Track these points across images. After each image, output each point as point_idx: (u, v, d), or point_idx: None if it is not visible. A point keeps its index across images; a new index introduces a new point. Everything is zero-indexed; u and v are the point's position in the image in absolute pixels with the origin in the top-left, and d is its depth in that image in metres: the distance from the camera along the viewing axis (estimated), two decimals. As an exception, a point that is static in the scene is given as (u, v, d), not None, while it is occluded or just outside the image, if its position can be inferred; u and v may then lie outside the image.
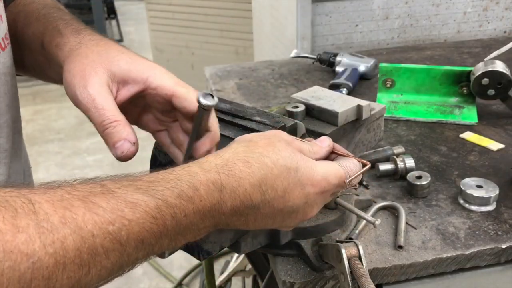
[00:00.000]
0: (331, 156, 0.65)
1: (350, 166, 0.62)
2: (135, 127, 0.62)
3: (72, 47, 0.63)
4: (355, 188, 0.68)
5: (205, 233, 0.53)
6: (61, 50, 0.64)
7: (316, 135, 0.73)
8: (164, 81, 0.61)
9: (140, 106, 0.65)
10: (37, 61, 0.71)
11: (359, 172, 0.63)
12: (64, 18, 0.69)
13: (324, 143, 0.64)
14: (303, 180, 0.57)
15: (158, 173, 0.51)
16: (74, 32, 0.65)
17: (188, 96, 0.60)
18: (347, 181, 0.61)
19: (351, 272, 0.64)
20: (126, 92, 0.61)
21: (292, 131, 0.68)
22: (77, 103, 0.59)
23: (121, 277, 0.48)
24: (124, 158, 0.57)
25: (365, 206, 0.91)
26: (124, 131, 0.57)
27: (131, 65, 0.61)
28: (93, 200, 0.44)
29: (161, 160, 0.72)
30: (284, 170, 0.55)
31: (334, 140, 0.75)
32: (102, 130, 0.57)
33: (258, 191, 0.54)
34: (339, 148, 0.65)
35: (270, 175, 0.54)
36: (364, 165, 0.64)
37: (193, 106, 0.60)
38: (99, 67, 0.59)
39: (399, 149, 1.06)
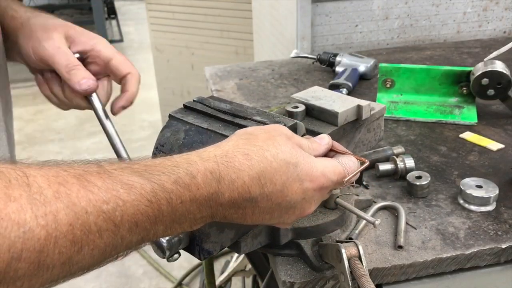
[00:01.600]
0: (330, 153, 0.65)
1: (348, 164, 0.62)
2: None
3: (30, 15, 0.78)
4: (353, 186, 0.68)
5: (201, 224, 0.53)
6: (16, 19, 0.77)
7: (316, 135, 0.73)
8: (107, 48, 0.80)
9: None
10: None
11: (358, 170, 0.63)
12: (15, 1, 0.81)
13: (323, 141, 0.64)
14: (302, 175, 0.57)
15: (156, 159, 0.52)
16: (29, 10, 0.80)
17: (124, 62, 0.80)
18: (346, 179, 0.61)
19: (351, 272, 0.64)
20: (75, 49, 0.79)
21: (292, 131, 0.68)
22: (41, 53, 0.75)
23: (120, 277, 0.48)
24: (89, 91, 0.76)
25: (365, 206, 0.91)
26: (86, 72, 0.77)
27: (83, 31, 0.81)
28: (88, 178, 0.44)
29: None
30: (284, 165, 0.55)
31: (334, 140, 0.75)
32: (67, 71, 0.75)
33: (256, 184, 0.54)
34: (338, 146, 0.65)
35: (270, 169, 0.54)
36: (362, 163, 0.64)
37: (124, 71, 0.80)
38: (58, 27, 0.78)
39: (399, 149, 1.07)
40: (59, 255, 0.41)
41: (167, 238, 0.61)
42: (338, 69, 1.52)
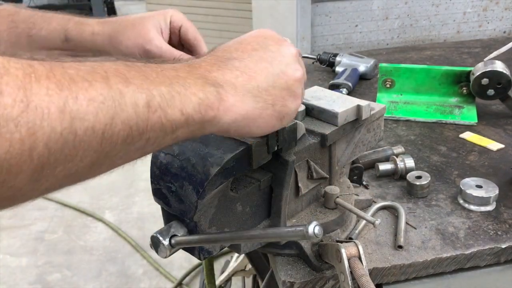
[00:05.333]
0: None
1: None
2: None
3: (113, 22, 0.81)
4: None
5: (201, 96, 0.49)
6: (101, 32, 0.80)
7: (316, 135, 0.74)
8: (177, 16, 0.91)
9: None
10: (50, 57, 0.81)
11: None
12: (73, 15, 0.85)
13: None
14: (266, 37, 0.61)
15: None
16: (101, 21, 0.83)
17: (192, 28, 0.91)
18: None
19: (351, 271, 0.64)
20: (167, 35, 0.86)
21: (292, 131, 0.68)
22: (146, 53, 0.80)
23: (120, 277, 0.46)
24: None
25: (365, 206, 0.91)
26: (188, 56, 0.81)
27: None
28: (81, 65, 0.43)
29: (161, 160, 0.72)
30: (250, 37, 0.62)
31: (334, 140, 0.75)
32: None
33: (231, 47, 0.58)
34: None
35: (235, 42, 0.61)
36: None
37: (192, 37, 0.91)
38: (152, 19, 0.83)
39: (398, 149, 1.07)
40: (48, 97, 0.36)
41: (167, 238, 0.62)
42: (338, 69, 1.53)
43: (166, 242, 0.61)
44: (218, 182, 0.61)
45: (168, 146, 0.49)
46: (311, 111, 0.77)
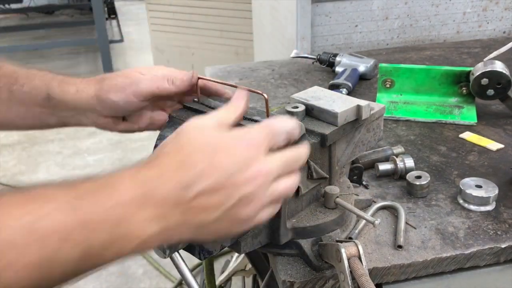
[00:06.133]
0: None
1: (268, 121, 0.59)
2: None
3: (99, 79, 0.78)
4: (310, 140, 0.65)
5: (156, 234, 0.50)
6: (86, 89, 0.77)
7: (316, 135, 0.74)
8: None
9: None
10: (30, 113, 0.79)
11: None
12: (57, 73, 0.81)
13: (237, 96, 0.61)
14: (223, 146, 0.53)
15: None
16: (86, 79, 0.79)
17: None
18: (279, 125, 0.58)
19: (350, 271, 0.64)
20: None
21: (292, 131, 0.68)
22: (138, 94, 0.75)
23: (120, 277, 0.48)
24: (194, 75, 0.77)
25: (365, 206, 0.91)
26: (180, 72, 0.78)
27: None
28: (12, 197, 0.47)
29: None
30: (199, 146, 0.53)
31: (334, 140, 0.76)
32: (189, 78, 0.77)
33: (184, 169, 0.51)
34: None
35: (188, 153, 0.52)
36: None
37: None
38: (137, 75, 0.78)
39: (398, 149, 1.07)
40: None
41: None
42: (338, 69, 1.53)
43: None
44: None
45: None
46: (311, 111, 0.77)
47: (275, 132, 0.57)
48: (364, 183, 0.98)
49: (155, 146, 0.74)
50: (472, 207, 0.90)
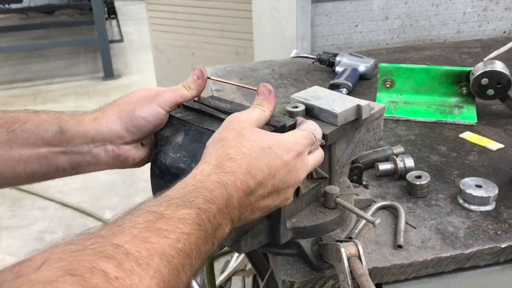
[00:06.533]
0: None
1: (308, 126, 0.69)
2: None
3: (112, 104, 0.73)
4: (323, 144, 0.71)
5: (226, 233, 0.57)
6: (105, 115, 0.72)
7: (316, 135, 0.74)
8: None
9: None
10: (34, 155, 0.69)
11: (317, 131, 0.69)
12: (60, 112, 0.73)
13: (266, 93, 0.69)
14: (278, 151, 0.62)
15: (176, 189, 0.55)
16: (97, 109, 0.74)
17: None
18: (317, 136, 0.68)
19: (350, 271, 0.64)
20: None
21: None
22: (163, 104, 0.73)
23: None
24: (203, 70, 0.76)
25: (365, 205, 0.91)
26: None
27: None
28: (155, 226, 0.48)
29: (161, 160, 0.72)
30: (260, 151, 0.61)
31: (334, 140, 0.76)
32: (175, 89, 0.75)
33: (250, 177, 0.59)
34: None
35: (252, 160, 0.60)
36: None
37: None
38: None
39: (398, 149, 1.07)
40: None
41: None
42: (338, 69, 1.53)
43: None
44: None
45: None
46: (311, 111, 0.77)
47: (315, 140, 0.68)
48: (364, 183, 0.98)
49: (156, 146, 0.74)
50: (472, 207, 0.90)
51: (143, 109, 0.71)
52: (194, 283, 0.69)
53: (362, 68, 1.51)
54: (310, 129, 0.68)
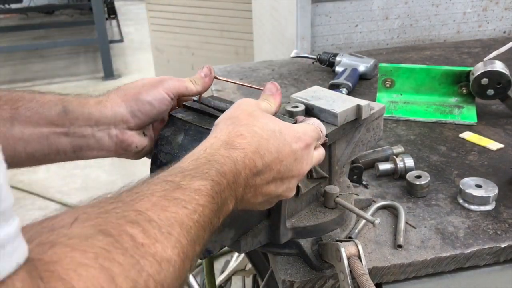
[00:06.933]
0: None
1: (315, 121, 0.69)
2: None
3: (117, 89, 0.72)
4: (326, 141, 0.72)
5: (228, 212, 0.56)
6: (110, 99, 0.71)
7: (316, 134, 0.74)
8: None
9: None
10: (36, 134, 0.67)
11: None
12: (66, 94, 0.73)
13: (273, 89, 0.70)
14: (288, 138, 0.62)
15: (188, 161, 0.54)
16: (102, 95, 0.73)
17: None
18: (322, 132, 0.68)
19: (350, 271, 0.64)
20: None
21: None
22: (169, 90, 0.72)
23: None
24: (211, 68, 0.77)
25: (365, 205, 0.91)
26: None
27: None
28: (173, 195, 0.47)
29: (161, 160, 0.72)
30: (271, 133, 0.61)
31: (334, 140, 0.76)
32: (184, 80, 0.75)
33: (258, 156, 0.58)
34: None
35: (263, 140, 0.59)
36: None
37: None
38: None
39: (398, 148, 1.07)
40: (184, 274, 0.45)
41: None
42: (338, 69, 1.53)
43: None
44: None
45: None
46: (311, 111, 0.77)
47: (321, 135, 0.68)
48: (364, 183, 0.98)
49: (156, 145, 0.74)
50: (472, 206, 0.90)
51: (149, 93, 0.71)
52: (194, 283, 0.69)
53: (362, 68, 1.51)
54: (318, 124, 0.68)
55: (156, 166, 0.73)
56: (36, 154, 0.67)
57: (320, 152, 0.69)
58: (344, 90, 1.39)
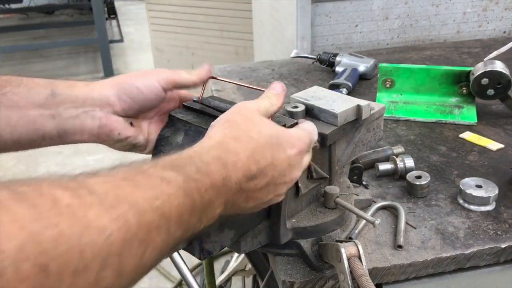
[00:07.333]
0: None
1: (306, 125, 0.69)
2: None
3: (110, 78, 0.73)
4: (316, 146, 0.72)
5: (216, 215, 0.55)
6: (99, 84, 0.71)
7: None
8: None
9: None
10: (24, 118, 0.67)
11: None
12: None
13: (278, 89, 0.70)
14: (284, 144, 0.62)
15: (170, 156, 0.53)
16: (84, 82, 0.73)
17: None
18: (314, 138, 0.68)
19: (350, 271, 0.64)
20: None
21: (292, 131, 0.68)
22: (161, 80, 0.72)
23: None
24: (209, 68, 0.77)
25: (365, 206, 0.91)
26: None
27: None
28: (134, 178, 0.46)
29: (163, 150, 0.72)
30: (268, 139, 0.61)
31: (334, 140, 0.75)
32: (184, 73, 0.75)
33: (253, 161, 0.58)
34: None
35: (259, 146, 0.59)
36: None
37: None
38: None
39: (398, 149, 1.07)
40: (133, 258, 0.42)
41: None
42: (338, 69, 1.53)
43: None
44: None
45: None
46: (311, 111, 0.77)
47: (313, 140, 0.68)
48: (364, 183, 0.98)
49: (156, 146, 0.74)
50: (472, 207, 0.90)
51: (138, 79, 0.72)
52: (194, 283, 0.68)
53: (362, 68, 1.51)
54: (310, 130, 0.68)
55: (157, 152, 0.73)
56: (22, 140, 0.68)
57: (309, 158, 0.69)
58: (344, 90, 1.39)
